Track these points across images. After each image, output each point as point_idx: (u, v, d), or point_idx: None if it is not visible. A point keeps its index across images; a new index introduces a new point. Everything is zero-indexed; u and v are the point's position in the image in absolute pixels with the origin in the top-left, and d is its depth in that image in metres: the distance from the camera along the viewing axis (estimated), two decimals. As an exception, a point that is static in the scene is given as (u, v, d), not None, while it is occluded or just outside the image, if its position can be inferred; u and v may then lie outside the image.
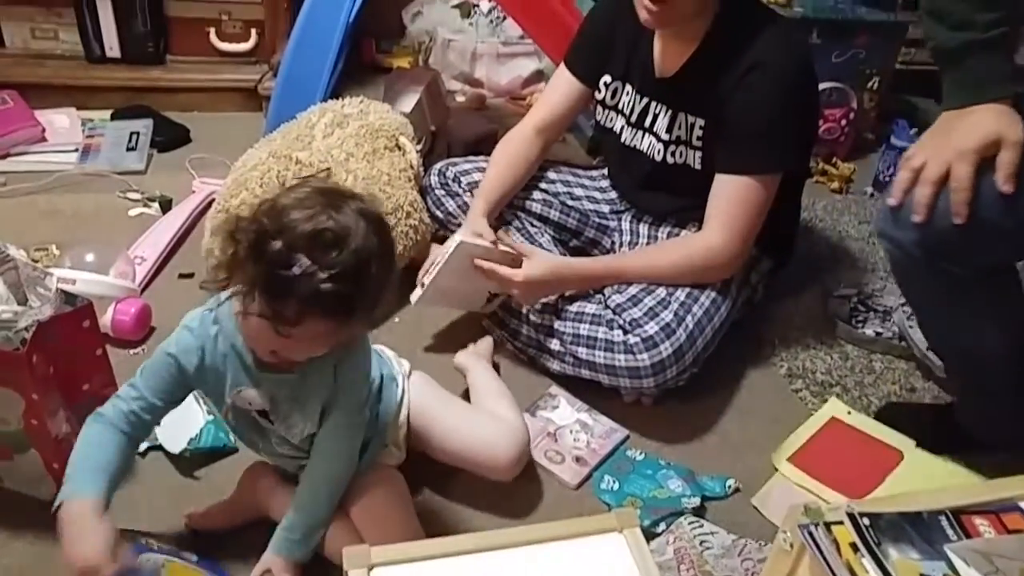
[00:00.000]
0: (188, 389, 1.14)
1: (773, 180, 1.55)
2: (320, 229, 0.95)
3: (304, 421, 1.15)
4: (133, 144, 2.30)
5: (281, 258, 0.94)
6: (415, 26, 3.08)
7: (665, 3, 1.45)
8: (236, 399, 1.13)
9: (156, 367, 1.11)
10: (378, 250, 0.99)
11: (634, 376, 1.50)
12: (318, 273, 0.93)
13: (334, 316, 0.98)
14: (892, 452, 1.52)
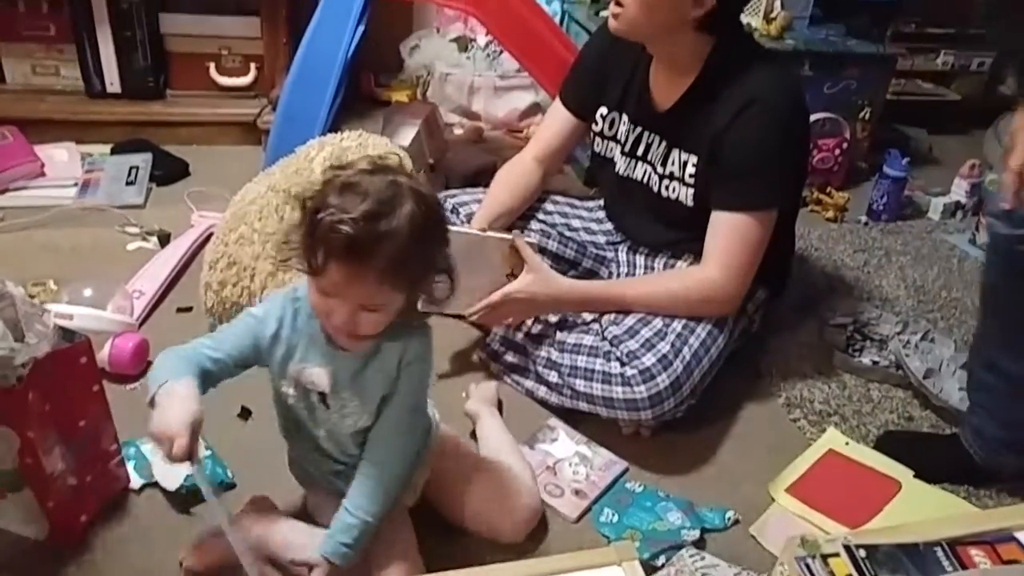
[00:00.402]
0: (258, 355, 1.15)
1: (770, 216, 1.56)
2: (350, 182, 1.01)
3: (361, 410, 1.16)
4: (132, 178, 2.32)
5: (316, 206, 1.02)
6: (413, 60, 3.12)
7: (622, 7, 1.49)
8: (300, 375, 1.15)
9: (235, 324, 1.16)
10: (410, 213, 1.01)
11: (632, 408, 1.50)
12: (338, 216, 0.98)
13: (349, 261, 1.00)
14: (890, 482, 1.52)
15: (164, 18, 2.55)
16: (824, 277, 2.27)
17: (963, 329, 2.07)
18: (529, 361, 1.66)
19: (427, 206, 1.05)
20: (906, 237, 2.56)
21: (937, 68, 3.43)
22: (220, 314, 1.67)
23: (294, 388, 1.17)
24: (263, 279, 1.61)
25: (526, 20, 2.13)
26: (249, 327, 1.15)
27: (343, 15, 2.12)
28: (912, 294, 2.22)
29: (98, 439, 1.31)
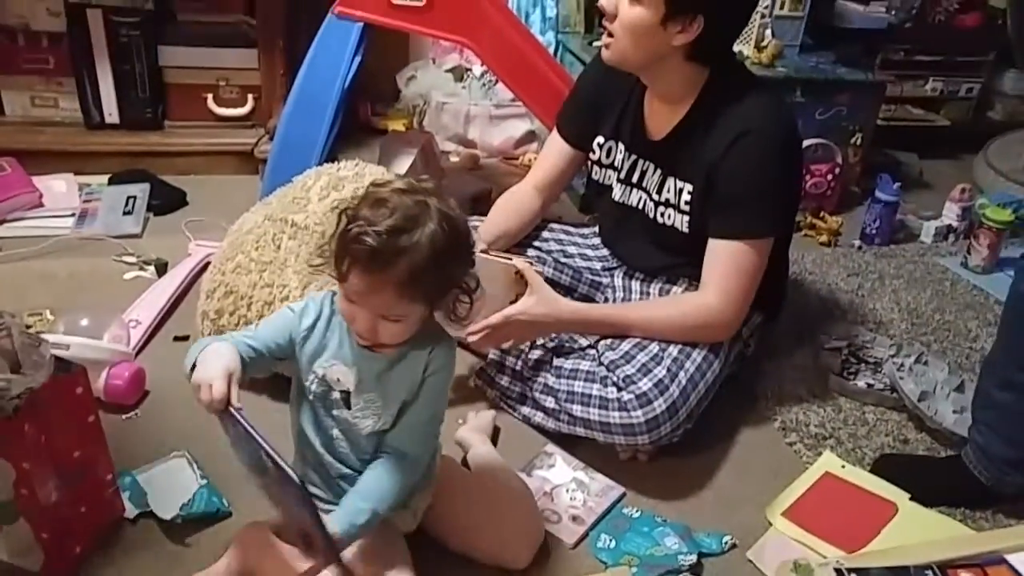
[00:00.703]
0: (291, 347, 1.20)
1: (766, 244, 1.58)
2: (381, 197, 1.08)
3: (382, 411, 1.19)
4: (130, 208, 2.33)
5: (347, 217, 1.09)
6: (409, 90, 3.15)
7: (614, 36, 1.53)
8: (327, 371, 1.18)
9: (274, 317, 1.23)
10: (433, 232, 1.06)
11: (629, 433, 1.50)
12: (364, 227, 1.05)
13: (367, 272, 1.06)
14: (886, 505, 1.52)
15: (163, 51, 2.58)
16: (819, 301, 2.28)
17: (956, 352, 2.08)
18: (526, 387, 1.66)
19: (452, 227, 1.10)
20: (899, 261, 2.57)
21: (926, 94, 3.46)
22: (217, 343, 1.68)
23: (318, 385, 1.20)
24: (260, 308, 1.62)
25: (520, 51, 2.15)
26: (287, 320, 1.20)
27: (340, 46, 2.14)
28: (906, 317, 2.23)
29: (93, 469, 1.31)
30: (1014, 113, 3.61)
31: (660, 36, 1.49)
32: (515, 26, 2.33)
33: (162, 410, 1.64)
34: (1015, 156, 3.14)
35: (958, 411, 1.73)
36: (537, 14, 3.11)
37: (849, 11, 3.11)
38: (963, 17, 3.38)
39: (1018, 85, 3.59)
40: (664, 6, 1.45)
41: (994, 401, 1.51)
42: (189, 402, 1.64)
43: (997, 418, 1.50)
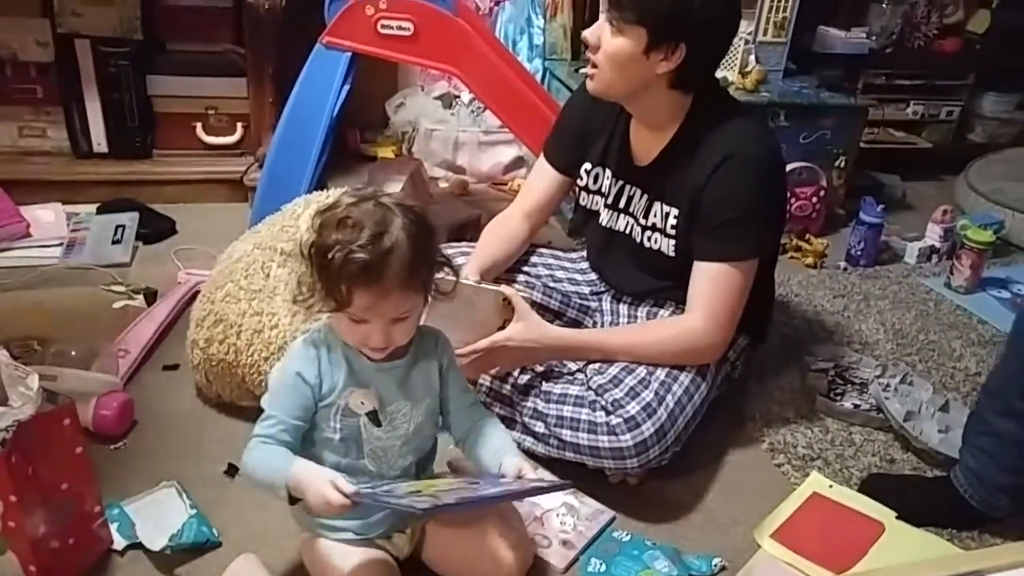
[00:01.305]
0: (315, 402, 1.20)
1: (751, 266, 1.59)
2: (342, 217, 1.10)
3: (412, 411, 1.24)
4: (119, 237, 2.33)
5: (321, 251, 1.10)
6: (398, 117, 3.17)
7: (597, 66, 1.55)
8: (349, 400, 1.20)
9: (284, 388, 1.20)
10: (403, 224, 1.11)
11: (618, 457, 1.51)
12: (346, 248, 1.07)
13: (370, 285, 1.09)
14: (874, 525, 1.53)
15: (152, 80, 2.60)
16: (805, 322, 2.30)
17: (940, 372, 2.10)
18: (515, 412, 1.67)
19: (414, 212, 1.14)
20: (884, 282, 2.60)
21: (908, 117, 3.51)
22: (207, 371, 1.68)
23: (343, 418, 1.21)
24: (249, 336, 1.62)
25: (507, 78, 2.18)
26: (297, 390, 1.19)
27: (329, 75, 2.16)
28: (891, 337, 2.25)
29: (81, 501, 1.30)
30: (994, 135, 3.67)
31: (643, 65, 1.51)
32: (502, 54, 2.36)
33: (151, 440, 1.64)
34: (995, 177, 3.18)
35: (943, 431, 1.75)
36: (524, 41, 3.14)
37: (831, 37, 3.15)
38: (942, 42, 3.44)
39: (997, 107, 3.65)
40: (646, 36, 1.48)
41: (993, 428, 1.51)
42: (178, 432, 1.66)
43: (995, 445, 1.51)
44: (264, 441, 1.17)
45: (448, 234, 2.42)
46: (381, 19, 2.07)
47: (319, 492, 1.09)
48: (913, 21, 3.38)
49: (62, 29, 2.46)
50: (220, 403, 1.73)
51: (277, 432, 1.18)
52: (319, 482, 1.10)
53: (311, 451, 1.22)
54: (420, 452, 1.31)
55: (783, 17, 2.80)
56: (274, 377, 1.24)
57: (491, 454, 1.30)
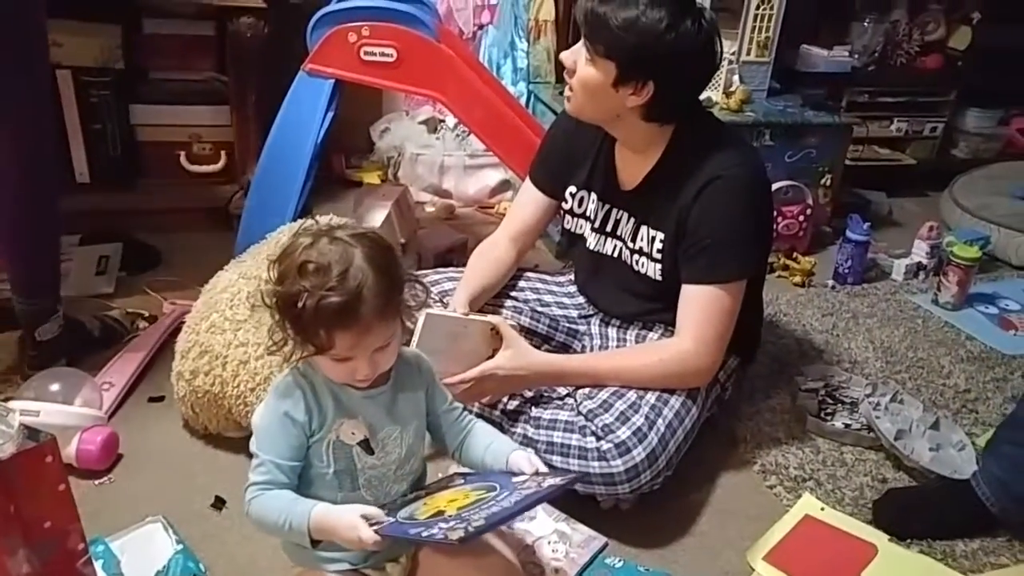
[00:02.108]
0: (307, 439, 1.17)
1: (739, 287, 1.59)
2: (302, 263, 1.07)
3: (403, 434, 1.22)
4: (102, 268, 2.31)
5: (289, 300, 1.07)
6: (383, 142, 3.18)
7: (572, 90, 1.56)
8: (340, 433, 1.18)
9: (273, 430, 1.16)
10: (365, 255, 1.09)
11: (609, 483, 1.50)
12: (317, 293, 1.05)
13: (350, 325, 1.08)
14: (866, 546, 1.53)
15: (134, 109, 2.59)
16: (794, 342, 2.30)
17: (930, 389, 2.10)
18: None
19: (371, 240, 1.12)
20: (872, 299, 2.60)
21: (892, 134, 3.55)
22: (192, 403, 1.66)
23: (335, 451, 1.18)
24: (235, 367, 1.61)
25: (491, 102, 2.18)
26: (287, 430, 1.16)
27: (312, 102, 2.16)
28: (880, 355, 2.25)
29: (64, 539, 1.27)
30: (977, 151, 3.70)
31: (613, 97, 1.52)
32: (486, 78, 2.37)
33: (136, 474, 1.62)
34: (980, 193, 3.21)
35: (934, 448, 1.75)
36: (508, 65, 3.16)
37: (814, 56, 3.18)
38: (924, 59, 3.48)
39: (980, 123, 3.69)
40: (615, 70, 1.48)
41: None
42: (164, 465, 1.64)
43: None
44: (265, 488, 1.15)
45: (435, 258, 2.42)
46: (364, 46, 2.07)
47: (350, 530, 1.09)
48: (895, 39, 3.42)
49: (43, 60, 2.45)
50: (207, 435, 1.71)
51: (275, 477, 1.15)
52: (348, 521, 1.10)
53: (307, 491, 1.20)
54: (414, 475, 1.30)
55: (766, 37, 2.82)
56: (259, 419, 1.20)
57: (493, 454, 1.30)
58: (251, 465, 1.17)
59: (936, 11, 3.48)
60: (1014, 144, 3.77)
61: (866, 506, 1.65)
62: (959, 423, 1.93)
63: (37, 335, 1.84)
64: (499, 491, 1.19)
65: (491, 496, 1.18)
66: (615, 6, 1.45)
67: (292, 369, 1.19)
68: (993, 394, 2.09)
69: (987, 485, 1.57)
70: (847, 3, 3.39)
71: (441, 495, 1.23)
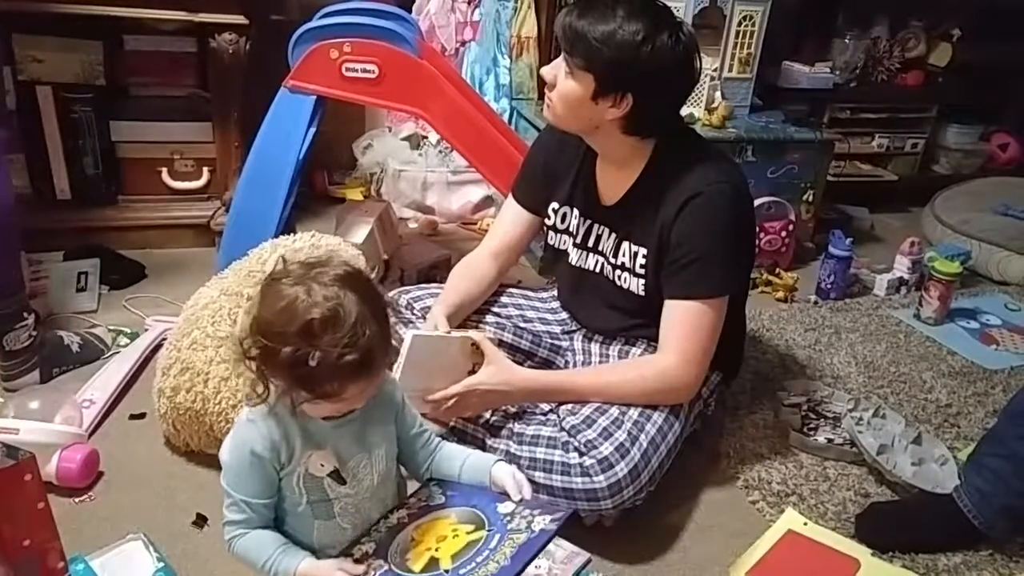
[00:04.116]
0: (277, 475, 1.16)
1: (721, 303, 1.59)
2: (307, 321, 1.04)
3: (372, 461, 1.21)
4: (83, 284, 2.29)
5: (297, 360, 1.04)
6: (366, 158, 3.18)
7: (552, 102, 1.57)
8: (309, 465, 1.15)
9: (243, 470, 1.14)
10: (356, 298, 1.07)
11: (592, 499, 1.49)
12: (331, 353, 1.03)
13: (364, 373, 1.08)
14: (849, 561, 1.54)
15: (115, 125, 2.57)
16: (777, 357, 2.31)
17: (912, 404, 2.11)
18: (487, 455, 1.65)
19: (356, 280, 1.10)
20: (854, 314, 2.62)
21: (873, 150, 3.59)
22: (174, 420, 1.65)
23: (307, 483, 1.17)
24: (217, 384, 1.60)
25: (473, 119, 2.19)
26: (256, 468, 1.14)
27: (294, 118, 2.15)
28: (862, 370, 2.26)
29: (44, 558, 1.26)
30: (958, 166, 3.75)
31: (592, 110, 1.53)
32: (468, 94, 2.37)
33: (117, 491, 1.61)
34: (961, 208, 3.24)
35: (916, 463, 1.76)
36: (491, 81, 3.17)
37: (795, 72, 3.21)
38: (905, 76, 3.52)
39: (960, 139, 3.74)
40: (594, 83, 1.49)
41: (1013, 451, 1.54)
42: (145, 482, 1.63)
43: (1012, 468, 1.54)
44: (244, 530, 1.15)
45: (418, 275, 2.42)
46: (345, 62, 2.07)
47: None
48: (876, 56, 3.47)
49: (23, 76, 2.43)
50: (188, 452, 1.70)
51: (250, 517, 1.15)
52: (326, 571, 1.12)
53: (283, 522, 1.19)
54: (391, 498, 1.29)
55: (748, 53, 2.84)
56: (227, 457, 1.16)
57: (472, 469, 1.30)
58: (224, 501, 1.15)
59: (917, 28, 3.53)
60: (995, 160, 3.82)
61: (849, 520, 1.66)
62: (941, 437, 1.94)
63: (5, 344, 1.83)
64: (489, 533, 1.19)
65: (483, 543, 1.17)
66: (592, 20, 1.47)
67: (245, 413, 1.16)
68: (975, 408, 2.11)
69: (969, 498, 1.58)
70: (829, 20, 3.44)
71: (427, 526, 1.23)
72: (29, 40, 2.42)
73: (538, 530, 1.20)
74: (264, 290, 1.09)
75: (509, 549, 1.16)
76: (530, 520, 1.22)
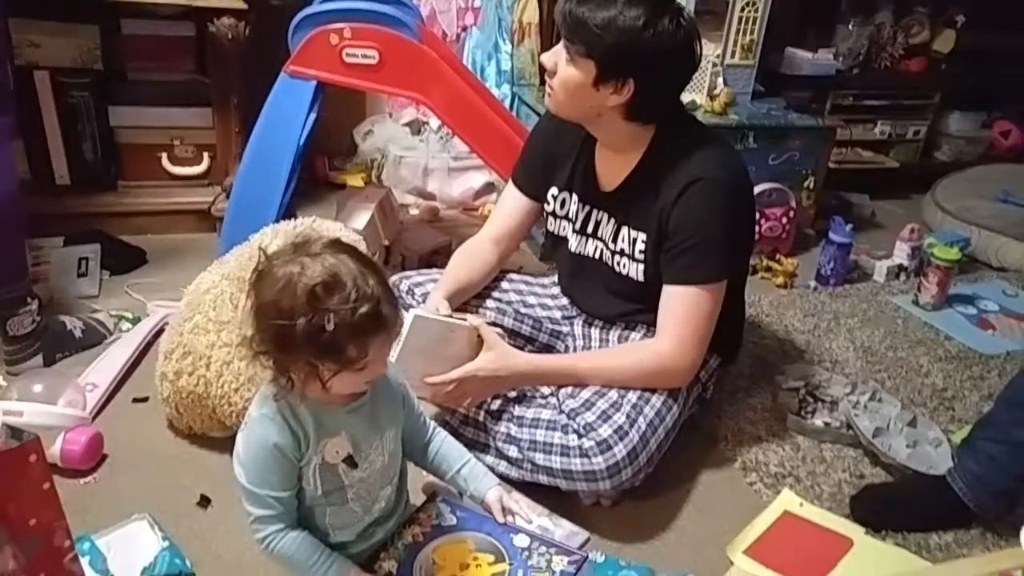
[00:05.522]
0: (298, 466, 1.16)
1: (719, 288, 1.60)
2: (310, 289, 1.04)
3: (383, 443, 1.23)
4: (84, 270, 2.29)
5: (314, 329, 1.04)
6: (367, 144, 3.17)
7: (552, 89, 1.58)
8: (325, 453, 1.16)
9: (266, 465, 1.14)
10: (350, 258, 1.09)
11: (591, 479, 1.51)
12: (344, 311, 1.04)
13: (381, 326, 1.08)
14: (843, 539, 1.56)
15: (113, 111, 2.55)
16: (776, 342, 2.32)
17: (909, 388, 2.13)
18: (488, 437, 1.66)
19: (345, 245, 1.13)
20: (853, 300, 2.63)
21: (875, 137, 3.58)
22: (177, 404, 1.67)
23: (322, 472, 1.17)
24: (219, 368, 1.61)
25: (474, 104, 2.19)
26: (280, 462, 1.14)
27: (295, 103, 2.16)
28: (860, 355, 2.27)
29: (50, 537, 1.28)
30: (960, 153, 3.74)
31: (594, 96, 1.53)
32: (469, 80, 2.38)
33: (122, 473, 1.62)
34: (962, 195, 3.24)
35: (911, 445, 1.78)
36: (492, 67, 3.17)
37: (799, 59, 3.21)
38: (908, 62, 3.52)
39: (962, 126, 3.73)
40: (595, 69, 1.50)
41: (1014, 439, 1.56)
42: (149, 465, 1.65)
43: (1007, 453, 1.56)
44: (279, 527, 1.16)
45: (419, 261, 2.43)
46: (346, 47, 2.07)
47: None
48: (879, 42, 3.46)
49: (20, 60, 2.41)
50: (191, 435, 1.72)
51: (280, 512, 1.16)
52: None
53: (300, 512, 1.20)
54: (397, 475, 1.31)
55: (751, 39, 2.84)
56: (246, 454, 1.16)
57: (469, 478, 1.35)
58: (246, 500, 1.15)
59: (921, 14, 3.52)
60: (996, 147, 3.81)
61: (844, 501, 1.67)
62: (936, 420, 1.95)
63: (8, 329, 1.84)
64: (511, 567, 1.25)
65: None
66: (593, 6, 1.47)
67: (263, 401, 1.16)
68: (970, 392, 2.12)
69: (963, 480, 1.59)
70: (832, 6, 3.43)
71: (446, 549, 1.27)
72: (26, 24, 2.40)
73: (559, 571, 1.24)
74: (256, 283, 1.09)
75: None
76: (549, 559, 1.26)
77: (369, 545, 1.26)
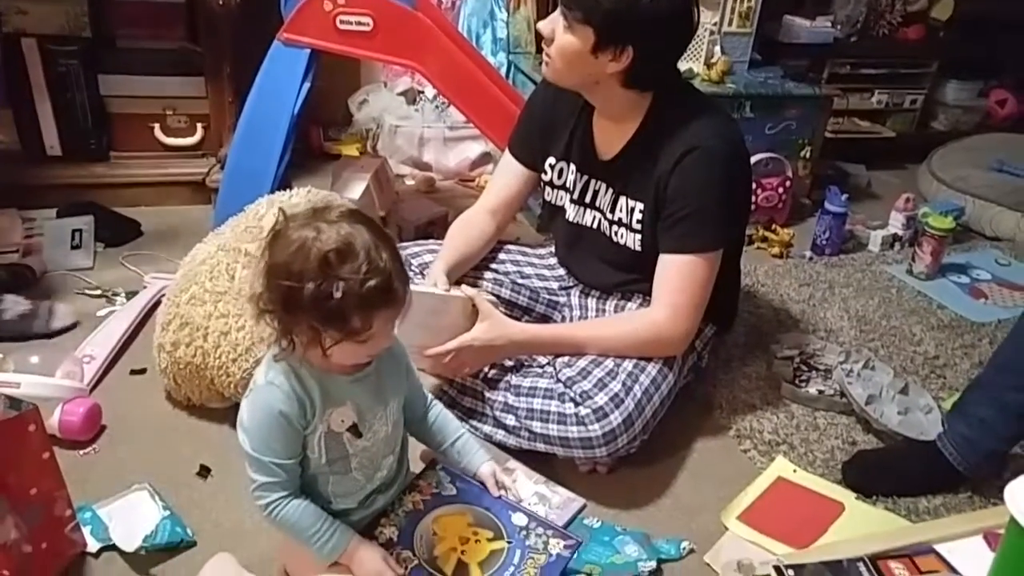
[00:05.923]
0: (303, 434, 1.16)
1: (714, 257, 1.61)
2: (323, 255, 1.04)
3: (387, 412, 1.23)
4: (77, 242, 2.28)
5: (321, 295, 1.04)
6: (362, 114, 3.16)
7: (550, 57, 1.56)
8: (331, 422, 1.16)
9: (271, 432, 1.13)
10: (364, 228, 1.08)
11: (587, 447, 1.53)
12: (354, 281, 1.04)
13: (388, 300, 1.08)
14: (834, 504, 1.58)
15: (104, 79, 2.52)
16: (771, 311, 2.33)
17: (901, 356, 2.14)
18: (486, 406, 1.68)
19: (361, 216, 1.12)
20: (848, 270, 2.64)
21: (872, 107, 3.57)
22: (175, 375, 1.67)
23: (327, 441, 1.18)
24: (216, 339, 1.61)
25: (470, 72, 2.17)
26: (286, 430, 1.14)
27: (289, 72, 2.14)
28: (855, 324, 2.29)
29: (51, 506, 1.30)
30: (956, 123, 3.73)
31: (592, 63, 1.52)
32: (464, 48, 2.36)
33: (121, 444, 1.63)
34: (957, 165, 3.24)
35: (902, 412, 1.79)
36: (488, 35, 3.14)
37: (796, 26, 3.18)
38: (906, 30, 3.49)
39: (959, 95, 3.72)
40: (594, 36, 1.48)
41: (1002, 400, 1.58)
42: (148, 436, 1.66)
43: (998, 416, 1.58)
44: (282, 494, 1.15)
45: (415, 231, 2.43)
46: (340, 14, 2.04)
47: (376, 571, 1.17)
48: (878, 9, 3.43)
49: (7, 28, 2.38)
50: (190, 406, 1.72)
51: (283, 479, 1.15)
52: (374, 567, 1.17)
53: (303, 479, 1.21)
54: (399, 444, 1.32)
55: (748, 7, 2.80)
56: (250, 421, 1.14)
57: (463, 453, 1.36)
58: (250, 464, 1.14)
59: (921, -20, 3.49)
60: (992, 116, 3.81)
61: (836, 468, 1.69)
62: (927, 388, 1.97)
63: None
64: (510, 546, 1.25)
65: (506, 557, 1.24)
66: None
67: (268, 369, 1.16)
68: (961, 360, 2.14)
69: (952, 444, 1.62)
70: (831, -28, 3.40)
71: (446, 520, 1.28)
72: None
73: (555, 554, 1.25)
74: (271, 242, 1.09)
75: (532, 569, 1.22)
76: (546, 541, 1.27)
77: (370, 512, 1.26)
